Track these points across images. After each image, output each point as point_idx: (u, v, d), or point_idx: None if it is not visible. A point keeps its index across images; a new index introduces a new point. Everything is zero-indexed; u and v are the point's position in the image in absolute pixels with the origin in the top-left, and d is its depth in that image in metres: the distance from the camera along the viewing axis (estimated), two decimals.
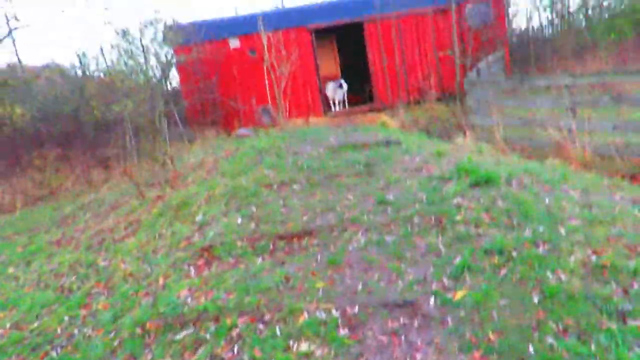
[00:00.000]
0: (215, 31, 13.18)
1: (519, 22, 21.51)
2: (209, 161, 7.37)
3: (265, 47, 12.45)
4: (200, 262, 4.16)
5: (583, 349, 2.40)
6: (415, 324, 2.83)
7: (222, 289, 3.54)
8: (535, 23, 21.15)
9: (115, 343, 3.28)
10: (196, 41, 12.00)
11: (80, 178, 11.42)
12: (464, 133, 8.06)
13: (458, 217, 3.85)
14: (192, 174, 7.00)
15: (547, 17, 20.28)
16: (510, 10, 19.81)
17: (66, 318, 3.88)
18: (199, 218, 5.07)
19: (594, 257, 3.10)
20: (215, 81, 12.80)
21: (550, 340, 2.51)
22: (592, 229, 3.44)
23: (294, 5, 15.12)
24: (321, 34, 14.13)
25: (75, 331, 3.60)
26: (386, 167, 5.43)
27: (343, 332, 2.85)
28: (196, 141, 11.00)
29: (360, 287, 3.25)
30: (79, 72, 15.15)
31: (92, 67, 14.32)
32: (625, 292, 2.79)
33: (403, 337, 2.74)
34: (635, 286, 2.81)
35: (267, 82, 12.92)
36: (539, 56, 17.10)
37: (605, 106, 7.50)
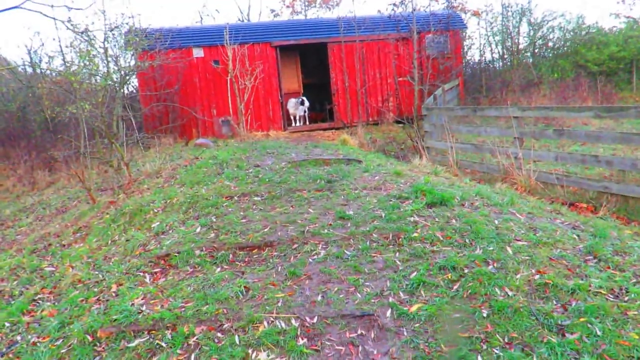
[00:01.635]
0: (180, 40, 13.06)
1: (473, 55, 22.73)
2: (166, 169, 7.23)
3: (230, 59, 12.46)
4: (156, 270, 4.08)
5: None
6: (372, 334, 2.92)
7: (179, 298, 3.49)
8: (487, 56, 22.39)
9: (63, 351, 3.15)
10: (160, 48, 11.84)
11: (23, 179, 10.85)
12: (420, 155, 8.38)
13: (415, 235, 4.01)
14: (148, 181, 6.84)
15: (499, 52, 21.56)
16: (466, 43, 20.93)
17: (7, 324, 3.68)
18: (155, 226, 4.96)
19: (537, 276, 3.33)
20: (176, 89, 12.62)
21: (497, 351, 2.67)
22: (536, 250, 3.69)
23: (261, 21, 15.23)
24: (286, 50, 14.33)
25: (18, 338, 3.42)
26: (346, 184, 5.57)
27: (302, 341, 2.89)
28: (153, 148, 10.75)
29: (319, 298, 3.30)
30: (29, 69, 14.49)
31: (44, 65, 13.74)
32: (565, 308, 3.02)
33: (360, 348, 2.81)
34: (573, 303, 3.04)
35: (229, 93, 12.89)
36: (490, 87, 18.13)
37: (549, 138, 8.09)
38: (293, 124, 14.16)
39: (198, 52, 13.21)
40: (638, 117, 6.12)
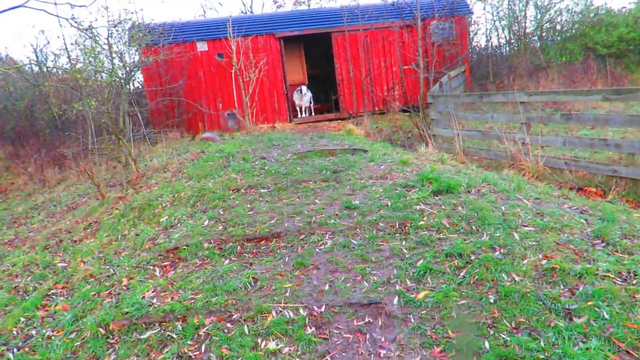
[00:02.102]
0: (183, 34, 13.07)
1: (479, 40, 22.46)
2: (173, 163, 7.28)
3: (234, 52, 12.45)
4: (166, 263, 4.13)
5: (533, 345, 2.58)
6: (380, 322, 2.94)
7: (189, 290, 3.54)
8: (494, 42, 22.11)
9: (77, 344, 3.22)
10: (164, 43, 11.85)
11: (34, 177, 10.99)
12: (427, 143, 8.35)
13: (421, 223, 4.02)
14: (156, 175, 6.90)
15: (505, 37, 21.28)
16: (472, 29, 20.68)
17: (22, 319, 3.76)
18: (164, 220, 5.02)
19: (544, 261, 3.32)
20: (181, 84, 12.66)
21: (504, 336, 2.68)
22: (543, 235, 3.68)
23: (264, 13, 15.17)
24: (290, 42, 14.27)
25: (33, 332, 3.50)
26: (352, 174, 5.57)
27: (310, 330, 2.92)
28: (160, 143, 10.81)
29: (327, 287, 3.33)
30: (36, 68, 14.59)
31: (50, 64, 13.82)
32: (572, 292, 3.02)
33: (368, 335, 2.84)
34: (581, 287, 3.04)
35: (234, 86, 12.89)
36: (497, 73, 17.92)
37: (556, 122, 8.00)
38: (299, 116, 14.15)
39: (202, 46, 13.21)
40: None
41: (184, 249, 4.22)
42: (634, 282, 3.10)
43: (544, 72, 16.69)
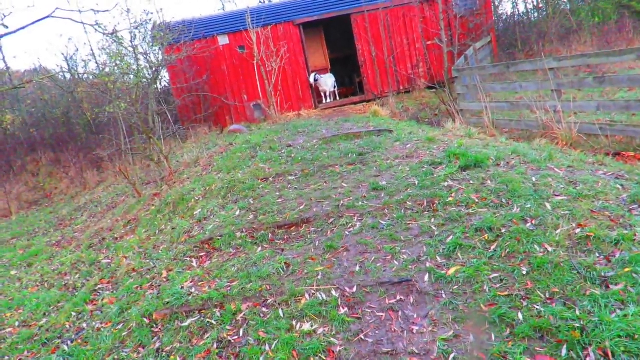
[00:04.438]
0: (204, 29, 13.22)
1: (505, 8, 21.66)
2: (203, 158, 7.46)
3: (255, 43, 12.51)
4: (202, 254, 4.28)
5: (568, 314, 2.55)
6: (411, 299, 2.97)
7: (225, 278, 3.66)
8: (521, 8, 21.27)
9: (124, 334, 3.41)
10: (185, 40, 12.04)
11: (75, 180, 11.49)
12: (454, 119, 8.20)
13: (449, 199, 3.99)
14: (188, 171, 7.09)
15: (533, 2, 20.41)
16: None
17: (73, 314, 4.00)
18: (197, 212, 5.18)
19: (578, 230, 3.25)
20: (205, 79, 12.85)
21: (538, 307, 2.66)
22: (577, 204, 3.59)
23: (281, 1, 15.13)
24: (309, 27, 14.20)
25: (84, 325, 3.72)
26: (378, 155, 5.56)
27: (343, 310, 2.99)
28: (189, 139, 11.07)
29: (357, 268, 3.38)
30: (68, 76, 15.14)
31: (81, 70, 14.32)
32: (608, 260, 2.95)
33: (400, 313, 2.88)
34: (617, 254, 2.97)
35: (257, 77, 12.99)
36: (525, 41, 17.26)
37: (589, 87, 7.69)
38: (324, 101, 14.13)
39: (223, 40, 13.34)
40: None
41: (218, 239, 4.35)
42: None
43: (576, 35, 15.96)
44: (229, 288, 3.49)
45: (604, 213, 3.44)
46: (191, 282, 3.79)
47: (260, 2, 23.05)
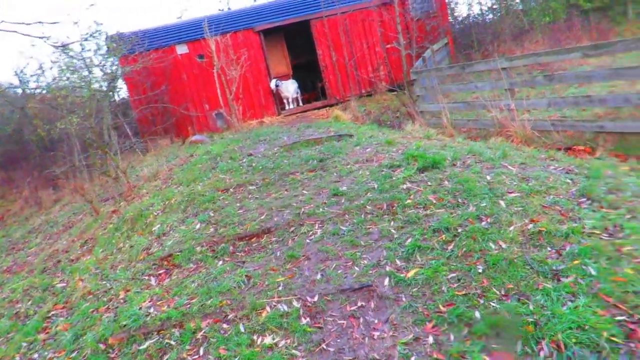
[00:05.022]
0: (161, 39, 12.97)
1: (460, 10, 22.26)
2: (163, 171, 7.28)
3: (214, 51, 12.36)
4: (161, 271, 4.16)
5: (522, 309, 2.60)
6: (372, 305, 2.97)
7: (184, 295, 3.57)
8: (475, 10, 21.92)
9: None
10: (141, 50, 11.77)
11: (29, 200, 11.00)
12: (413, 121, 8.32)
13: (408, 201, 4.03)
14: (147, 185, 6.91)
15: (487, 3, 21.07)
16: None
17: (24, 344, 3.80)
18: (156, 228, 5.03)
19: (530, 225, 3.33)
20: (165, 89, 12.59)
21: (494, 304, 2.70)
22: (529, 200, 3.68)
23: (240, 8, 15.03)
24: (269, 34, 14.15)
25: (35, 356, 3.54)
26: (339, 160, 5.57)
27: (304, 321, 2.95)
28: (149, 151, 10.80)
29: (318, 276, 3.35)
30: (19, 91, 14.54)
31: (32, 85, 13.76)
32: (559, 253, 3.03)
33: (361, 319, 2.87)
34: (568, 247, 3.05)
35: (218, 86, 12.83)
36: (481, 41, 17.76)
37: (541, 85, 7.96)
38: (287, 107, 14.09)
39: (181, 49, 13.12)
40: (626, 51, 5.98)
41: (178, 255, 4.24)
42: (620, 235, 3.11)
43: (529, 34, 16.55)
44: (189, 305, 3.40)
45: (555, 208, 3.55)
46: (149, 301, 3.66)
47: (219, 9, 22.85)
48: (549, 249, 3.09)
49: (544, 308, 2.58)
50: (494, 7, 20.57)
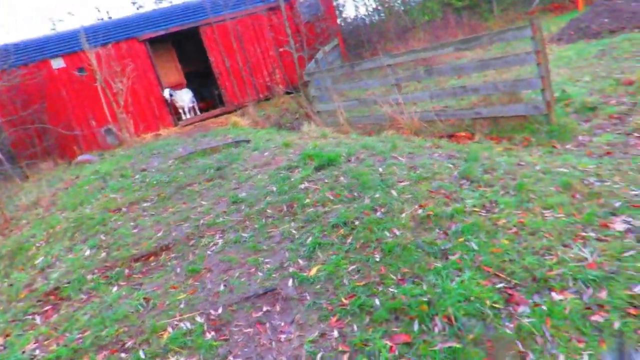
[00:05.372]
0: (32, 53, 11.77)
1: (348, 11, 23.19)
2: (45, 197, 6.61)
3: (95, 64, 11.50)
4: (47, 307, 3.75)
5: (417, 290, 2.75)
6: (278, 308, 2.95)
7: (75, 330, 3.25)
8: (362, 11, 22.97)
9: None
10: (4, 67, 10.57)
11: None
12: (309, 121, 8.46)
13: (307, 201, 4.07)
14: (27, 214, 6.22)
15: (372, 5, 22.16)
16: (340, 1, 21.20)
17: None
18: (39, 261, 4.54)
19: (420, 210, 3.55)
20: (41, 107, 11.44)
21: (392, 290, 2.82)
22: (417, 187, 3.92)
23: (122, 17, 14.12)
24: (157, 42, 13.52)
25: None
26: (237, 167, 5.47)
27: (209, 335, 2.85)
28: (29, 178, 9.75)
29: (222, 287, 3.26)
30: None
31: None
32: (446, 234, 3.26)
33: (267, 324, 2.83)
34: (453, 227, 3.29)
35: (104, 100, 11.96)
36: (369, 41, 18.64)
37: (423, 79, 8.55)
38: (184, 117, 13.57)
39: (58, 63, 12.02)
40: (491, 43, 6.64)
41: (66, 287, 3.86)
42: (496, 210, 3.43)
43: (411, 32, 17.69)
44: (81, 340, 3.11)
45: (440, 191, 3.81)
46: (35, 343, 3.28)
47: (98, 19, 21.34)
48: (437, 230, 3.31)
49: (435, 287, 2.75)
50: (378, 7, 21.72)
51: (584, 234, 2.95)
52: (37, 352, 3.15)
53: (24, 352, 3.20)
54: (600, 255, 2.70)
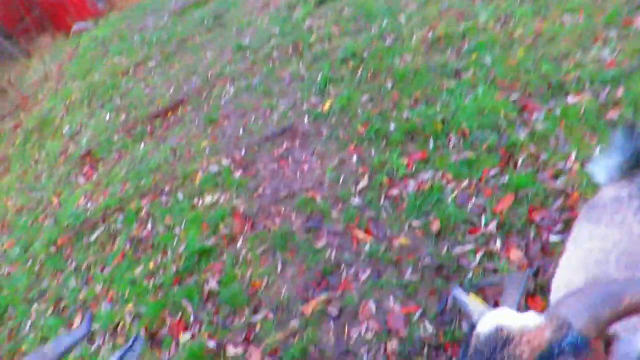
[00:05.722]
0: None
1: None
2: (52, 70, 6.56)
3: None
4: (86, 168, 4.04)
5: (430, 111, 2.82)
6: (297, 143, 3.11)
7: (117, 183, 3.55)
8: None
9: (37, 268, 3.31)
10: None
11: None
12: None
13: (312, 39, 3.96)
14: (40, 89, 6.27)
15: None
16: None
17: None
18: (66, 130, 4.74)
19: (430, 33, 3.43)
20: None
21: (406, 113, 2.91)
22: (426, 9, 3.72)
23: None
24: None
25: None
26: (235, 13, 5.21)
27: (237, 174, 3.08)
28: (33, 54, 9.54)
29: (241, 132, 3.40)
30: None
31: None
32: (458, 53, 3.20)
33: (290, 158, 3.03)
34: (465, 46, 3.22)
35: None
36: None
37: None
38: None
39: None
40: None
41: (97, 149, 4.10)
42: (511, 23, 3.29)
43: None
44: (124, 191, 3.41)
45: (451, 11, 3.63)
46: (84, 198, 3.63)
47: None
48: (449, 51, 3.24)
49: (449, 105, 2.81)
50: None
51: (604, 34, 2.85)
52: (89, 204, 3.50)
53: (77, 207, 3.56)
54: (620, 54, 2.65)
